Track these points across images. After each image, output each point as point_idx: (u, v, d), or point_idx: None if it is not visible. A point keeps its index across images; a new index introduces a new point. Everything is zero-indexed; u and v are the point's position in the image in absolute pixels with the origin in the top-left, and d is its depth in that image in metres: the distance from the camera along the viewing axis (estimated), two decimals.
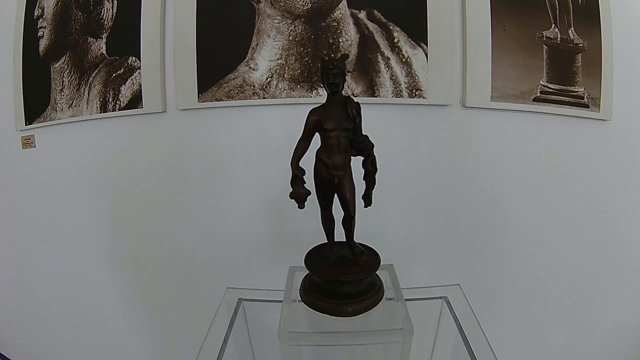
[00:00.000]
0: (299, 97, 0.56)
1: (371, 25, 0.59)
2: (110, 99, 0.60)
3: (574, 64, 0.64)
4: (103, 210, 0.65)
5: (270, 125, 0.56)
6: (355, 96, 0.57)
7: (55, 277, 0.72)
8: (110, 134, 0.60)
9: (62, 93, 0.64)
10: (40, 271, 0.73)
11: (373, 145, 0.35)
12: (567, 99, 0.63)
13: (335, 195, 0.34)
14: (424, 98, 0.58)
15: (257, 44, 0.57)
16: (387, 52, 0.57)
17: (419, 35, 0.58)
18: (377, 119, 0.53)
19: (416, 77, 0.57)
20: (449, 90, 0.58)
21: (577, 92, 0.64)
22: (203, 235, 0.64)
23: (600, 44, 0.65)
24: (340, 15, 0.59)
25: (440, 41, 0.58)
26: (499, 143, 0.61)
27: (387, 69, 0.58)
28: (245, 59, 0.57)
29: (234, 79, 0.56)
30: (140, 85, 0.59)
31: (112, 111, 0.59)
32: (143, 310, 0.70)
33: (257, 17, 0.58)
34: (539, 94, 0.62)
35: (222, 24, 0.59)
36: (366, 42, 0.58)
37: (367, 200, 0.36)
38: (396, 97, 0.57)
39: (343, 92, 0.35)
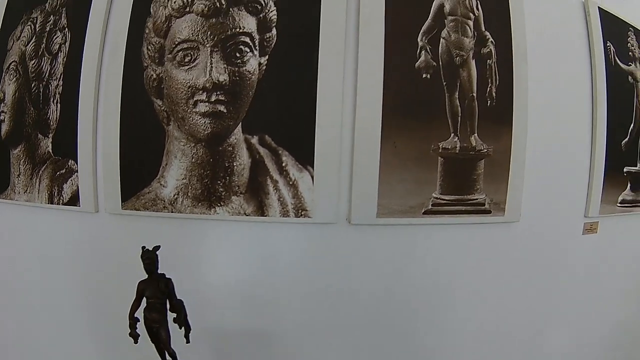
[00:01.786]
0: (200, 213, 0.62)
1: (262, 150, 0.62)
2: (56, 193, 0.69)
3: (475, 172, 0.66)
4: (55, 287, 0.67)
5: (177, 238, 0.62)
6: (246, 215, 0.62)
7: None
8: (56, 224, 0.69)
9: (19, 178, 0.72)
10: None
11: (182, 307, 0.47)
12: (464, 207, 0.65)
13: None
14: (309, 217, 0.62)
15: (167, 164, 0.63)
16: (276, 176, 0.62)
17: (306, 159, 0.62)
18: (266, 237, 0.62)
19: (302, 199, 0.62)
20: (335, 209, 0.61)
21: (477, 199, 0.66)
22: None
23: (509, 146, 0.66)
24: (235, 141, 0.63)
25: (327, 164, 0.61)
26: (387, 257, 0.64)
27: (275, 191, 0.62)
28: (157, 176, 0.63)
29: (148, 192, 0.63)
30: (78, 187, 0.67)
31: (57, 204, 0.68)
32: None
33: (166, 138, 0.64)
34: (430, 207, 0.64)
35: (140, 142, 0.65)
36: (257, 165, 0.62)
37: (187, 340, 0.48)
38: (283, 216, 0.62)
39: None
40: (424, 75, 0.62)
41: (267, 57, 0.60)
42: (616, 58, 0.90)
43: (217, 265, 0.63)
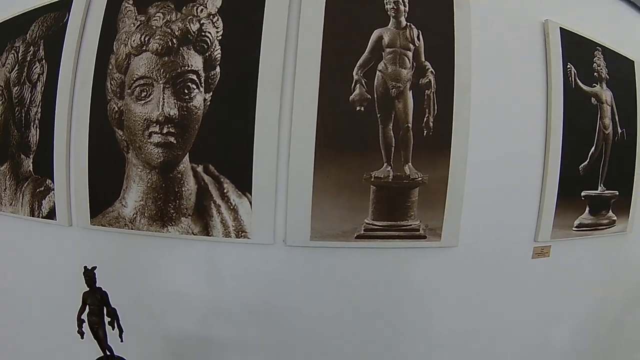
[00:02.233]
0: (155, 231, 0.68)
1: (206, 178, 0.67)
2: (36, 207, 0.77)
3: (409, 199, 0.67)
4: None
5: (136, 252, 0.69)
6: (194, 235, 0.68)
7: None
8: (37, 234, 0.77)
9: (5, 192, 0.80)
10: None
11: (115, 313, 0.54)
12: (397, 233, 0.67)
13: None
14: (248, 238, 0.67)
15: (127, 187, 0.69)
16: (219, 201, 0.67)
17: (245, 187, 0.66)
18: (211, 255, 0.68)
19: (242, 221, 0.66)
20: (271, 232, 0.65)
21: (411, 225, 0.68)
22: None
23: (446, 174, 0.67)
24: (183, 168, 0.67)
25: (263, 191, 0.65)
26: (321, 277, 0.67)
27: (218, 214, 0.67)
28: (119, 197, 0.69)
29: (112, 211, 0.70)
30: (54, 203, 0.75)
31: (38, 217, 0.76)
32: None
33: (126, 164, 0.70)
34: (362, 232, 0.67)
35: (105, 166, 0.71)
36: (202, 191, 0.67)
37: (120, 339, 0.55)
38: (225, 237, 0.67)
39: None
40: (357, 108, 0.64)
41: (211, 93, 0.65)
42: (577, 80, 0.86)
43: (169, 277, 0.69)
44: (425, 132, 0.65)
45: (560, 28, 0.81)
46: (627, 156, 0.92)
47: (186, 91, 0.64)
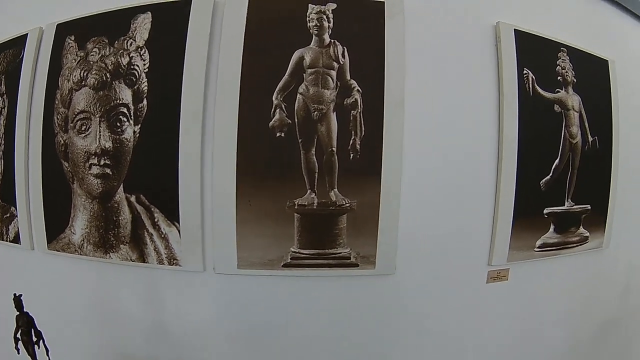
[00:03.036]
0: (99, 257, 0.64)
1: (139, 207, 0.63)
2: (4, 232, 0.76)
3: (336, 226, 0.60)
4: None
5: (84, 276, 0.67)
6: (132, 261, 0.63)
7: None
8: (7, 255, 0.75)
9: None
10: None
11: (41, 335, 0.52)
12: (326, 261, 0.60)
13: None
14: (180, 266, 0.62)
15: (74, 215, 0.67)
16: (151, 229, 0.63)
17: (173, 216, 0.61)
18: (147, 282, 0.64)
19: (172, 250, 0.62)
20: (201, 260, 0.60)
21: (341, 253, 0.60)
22: None
23: (377, 199, 0.59)
24: (119, 198, 0.64)
25: (190, 220, 0.60)
26: (250, 304, 0.61)
27: (151, 242, 0.63)
28: (68, 224, 0.67)
29: (64, 237, 0.68)
30: (18, 229, 0.74)
31: (6, 241, 0.74)
32: None
33: (73, 194, 0.67)
34: (289, 260, 0.60)
35: (56, 196, 0.68)
36: (136, 220, 0.63)
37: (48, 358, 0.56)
38: (159, 264, 0.63)
39: None
40: (277, 134, 0.57)
41: (139, 125, 0.61)
42: (536, 86, 0.72)
43: (113, 300, 0.66)
44: (351, 155, 0.57)
45: (515, 30, 0.68)
46: (600, 166, 0.76)
47: (118, 124, 0.61)
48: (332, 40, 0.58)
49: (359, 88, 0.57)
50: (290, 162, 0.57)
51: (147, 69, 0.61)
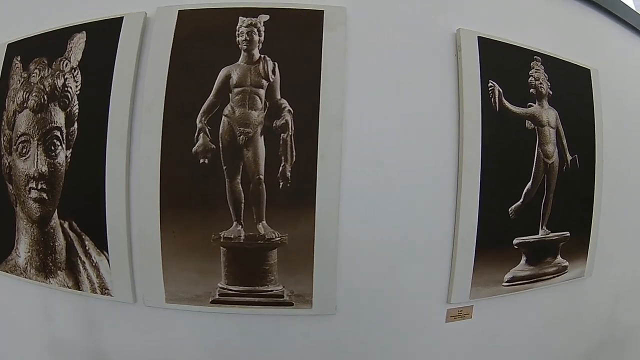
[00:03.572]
0: (41, 282, 0.58)
1: (72, 234, 0.55)
2: None
3: (267, 262, 0.49)
4: None
5: (29, 299, 0.60)
6: (69, 288, 0.56)
7: None
8: None
9: None
10: None
11: None
12: (257, 299, 0.49)
13: None
14: (111, 296, 0.54)
15: (18, 238, 0.60)
16: (83, 257, 0.55)
17: (102, 245, 0.53)
18: (85, 309, 0.55)
19: (103, 279, 0.54)
20: (131, 291, 0.52)
21: (272, 291, 0.50)
22: None
23: (312, 232, 0.48)
24: (54, 224, 0.56)
25: (118, 250, 0.52)
26: (177, 341, 0.52)
27: (84, 270, 0.55)
28: (14, 247, 0.60)
29: (11, 259, 0.61)
30: None
31: None
32: None
33: (16, 217, 0.60)
34: (217, 297, 0.50)
35: (4, 218, 0.61)
36: (70, 247, 0.55)
37: None
38: (92, 292, 0.55)
39: None
40: (201, 161, 0.47)
41: (70, 149, 0.54)
42: (503, 100, 0.60)
43: (55, 326, 0.59)
44: (281, 183, 0.47)
45: (479, 37, 0.55)
46: (581, 188, 0.62)
47: (53, 148, 0.54)
48: (262, 56, 0.48)
49: (290, 108, 0.47)
50: (215, 191, 0.48)
51: (78, 91, 0.54)
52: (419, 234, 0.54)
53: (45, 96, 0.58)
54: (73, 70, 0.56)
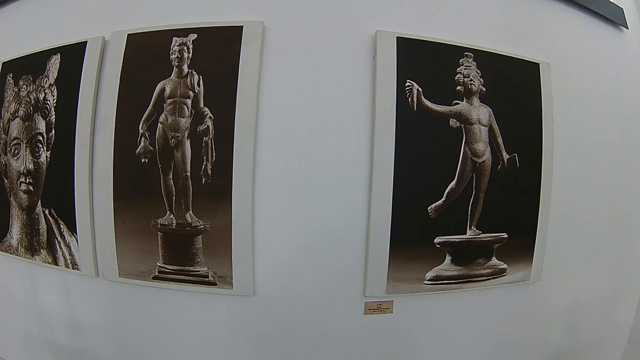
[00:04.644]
0: (29, 259, 0.91)
1: (51, 219, 0.91)
2: None
3: (194, 246, 0.78)
4: None
5: (20, 275, 0.95)
6: (49, 264, 0.89)
7: None
8: None
9: None
10: None
11: None
12: (188, 277, 0.78)
13: None
14: (79, 271, 0.87)
15: (12, 223, 0.96)
16: (59, 238, 0.89)
17: (73, 228, 0.86)
18: (62, 282, 0.90)
19: (74, 256, 0.88)
20: (94, 267, 0.81)
21: (199, 271, 0.79)
22: None
23: (229, 222, 0.72)
24: (39, 211, 0.92)
25: (84, 232, 0.84)
26: (129, 310, 0.82)
27: (60, 249, 0.89)
28: (9, 230, 0.96)
29: (7, 240, 0.98)
30: None
31: None
32: None
33: (10, 205, 0.95)
34: (157, 274, 0.81)
35: (2, 206, 0.98)
36: (50, 229, 0.91)
37: None
38: (66, 267, 0.87)
39: None
40: (142, 160, 0.76)
41: (50, 151, 0.87)
42: (423, 99, 0.75)
43: (40, 297, 0.94)
44: (203, 179, 0.74)
45: (398, 37, 0.75)
46: (524, 188, 0.75)
47: (37, 149, 0.90)
48: (190, 70, 0.75)
49: (211, 115, 0.73)
50: (153, 186, 0.76)
51: (55, 104, 0.88)
52: (333, 229, 0.76)
53: (31, 107, 0.93)
54: (51, 87, 0.90)
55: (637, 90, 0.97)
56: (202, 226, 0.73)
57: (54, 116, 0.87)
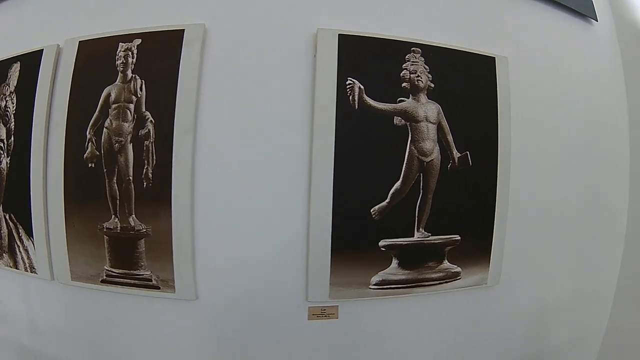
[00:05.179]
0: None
1: (11, 224, 0.95)
2: None
3: (137, 250, 0.81)
4: None
5: None
6: (10, 267, 0.94)
7: None
8: None
9: None
10: None
11: None
12: (132, 281, 0.82)
13: None
14: (37, 274, 0.91)
15: None
16: (19, 242, 0.94)
17: (30, 232, 0.91)
18: (22, 285, 0.96)
19: (32, 260, 0.92)
20: (48, 270, 0.85)
21: (143, 275, 0.82)
22: None
23: (169, 226, 0.76)
24: (0, 216, 0.93)
25: (39, 236, 0.88)
26: (82, 312, 0.86)
27: (19, 252, 0.94)
28: None
29: None
30: None
31: None
32: None
33: None
34: (105, 277, 0.85)
35: None
36: (10, 234, 0.95)
37: None
38: (25, 271, 0.92)
39: None
40: (89, 165, 0.80)
41: (9, 157, 0.93)
42: (364, 97, 0.75)
43: (4, 299, 1.01)
44: (144, 183, 0.77)
45: (340, 35, 0.76)
46: (478, 187, 0.75)
47: None
48: (134, 75, 0.79)
49: (152, 119, 0.76)
50: (99, 190, 0.80)
51: (14, 111, 0.94)
52: (275, 231, 0.77)
53: None
54: (11, 94, 0.97)
55: (606, 84, 0.94)
56: (144, 230, 0.77)
57: (13, 123, 0.93)
